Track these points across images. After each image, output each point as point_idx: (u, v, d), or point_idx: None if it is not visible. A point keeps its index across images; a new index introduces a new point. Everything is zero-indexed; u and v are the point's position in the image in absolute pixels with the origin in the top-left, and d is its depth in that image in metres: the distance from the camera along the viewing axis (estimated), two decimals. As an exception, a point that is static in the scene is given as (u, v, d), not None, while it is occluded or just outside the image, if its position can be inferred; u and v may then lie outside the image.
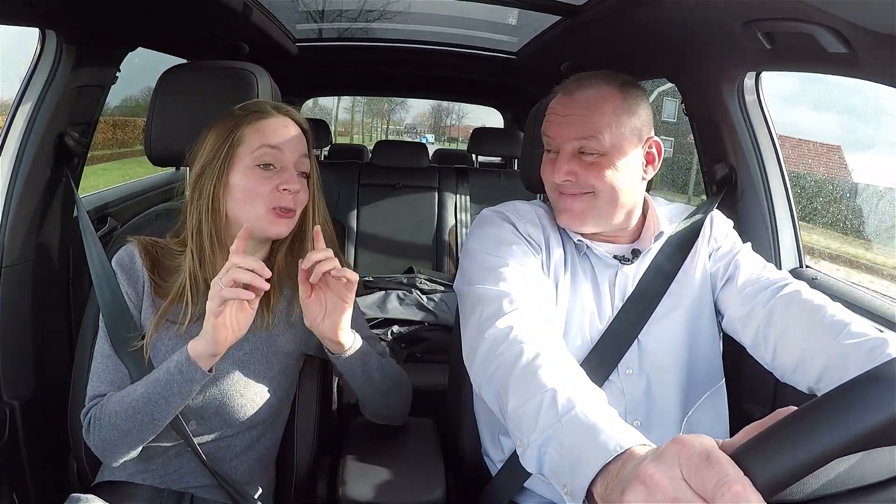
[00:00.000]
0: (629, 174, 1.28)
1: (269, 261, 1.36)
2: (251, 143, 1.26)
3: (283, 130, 1.28)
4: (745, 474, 0.57)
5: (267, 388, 1.32)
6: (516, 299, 1.14)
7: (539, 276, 1.25)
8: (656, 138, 1.32)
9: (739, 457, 0.58)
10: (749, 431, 0.62)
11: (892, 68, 1.19)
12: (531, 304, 1.15)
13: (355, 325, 1.39)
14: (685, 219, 1.40)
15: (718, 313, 1.35)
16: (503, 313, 1.11)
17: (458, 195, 3.56)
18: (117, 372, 1.27)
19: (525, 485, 1.32)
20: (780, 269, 1.73)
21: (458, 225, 3.48)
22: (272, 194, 1.25)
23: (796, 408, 0.59)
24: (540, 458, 0.85)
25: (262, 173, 1.25)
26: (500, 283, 1.18)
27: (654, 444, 1.26)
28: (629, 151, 1.27)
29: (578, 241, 1.32)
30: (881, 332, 1.09)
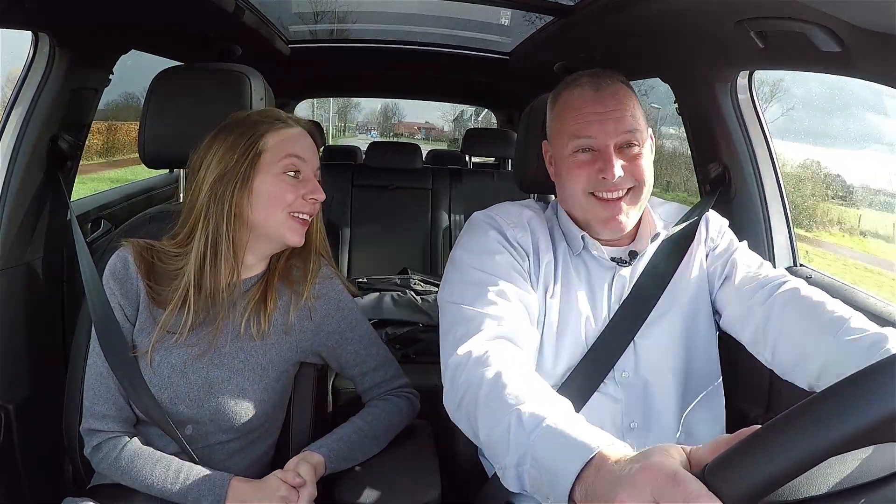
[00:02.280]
0: (651, 165, 1.30)
1: (268, 268, 1.37)
2: (278, 151, 1.26)
3: (305, 141, 1.31)
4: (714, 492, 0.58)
5: (262, 396, 1.32)
6: (486, 321, 1.13)
7: (521, 289, 1.23)
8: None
9: (706, 476, 0.59)
10: (717, 447, 0.63)
11: (885, 67, 1.20)
12: (502, 325, 1.14)
13: (357, 333, 1.40)
14: (681, 219, 1.40)
15: (716, 312, 1.34)
16: (468, 337, 1.11)
17: (451, 196, 3.55)
18: (113, 391, 1.27)
19: None
20: (775, 268, 1.74)
21: (452, 226, 3.47)
22: (296, 202, 1.27)
23: (760, 426, 0.60)
24: (519, 476, 0.86)
25: (290, 181, 1.27)
26: (475, 303, 1.17)
27: (651, 444, 1.27)
28: (650, 143, 1.30)
29: (583, 236, 1.31)
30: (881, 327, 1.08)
